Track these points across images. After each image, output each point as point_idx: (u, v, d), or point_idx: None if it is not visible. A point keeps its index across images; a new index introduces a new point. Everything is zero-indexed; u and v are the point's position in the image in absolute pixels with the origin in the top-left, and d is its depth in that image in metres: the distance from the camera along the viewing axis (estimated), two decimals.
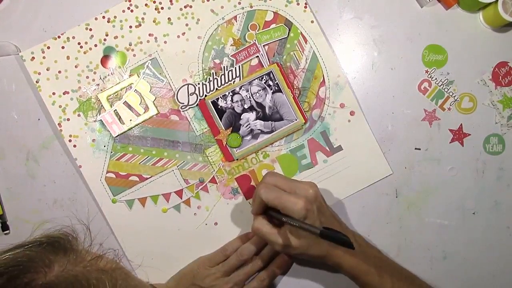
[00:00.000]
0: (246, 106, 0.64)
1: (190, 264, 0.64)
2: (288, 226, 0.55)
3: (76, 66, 0.64)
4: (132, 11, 0.65)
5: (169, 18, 0.65)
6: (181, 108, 0.65)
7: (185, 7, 0.65)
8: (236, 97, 0.64)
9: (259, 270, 0.63)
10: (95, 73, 0.64)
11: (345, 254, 0.56)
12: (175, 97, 0.65)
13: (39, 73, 0.64)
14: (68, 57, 0.64)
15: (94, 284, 0.32)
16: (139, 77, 0.65)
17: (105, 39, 0.64)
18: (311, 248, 0.55)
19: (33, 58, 0.64)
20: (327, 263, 0.58)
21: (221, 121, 0.64)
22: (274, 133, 0.64)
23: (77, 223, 0.44)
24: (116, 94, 0.64)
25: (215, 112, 0.64)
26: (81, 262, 0.35)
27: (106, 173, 0.65)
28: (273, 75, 0.64)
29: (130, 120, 0.64)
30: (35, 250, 0.34)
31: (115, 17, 0.65)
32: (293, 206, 0.52)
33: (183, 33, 0.65)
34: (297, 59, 0.65)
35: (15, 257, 0.33)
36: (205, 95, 0.64)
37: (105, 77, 0.65)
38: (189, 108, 0.65)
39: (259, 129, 0.64)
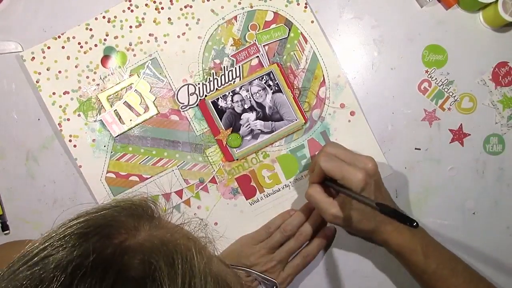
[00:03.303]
0: (246, 106, 0.64)
1: (232, 244, 0.65)
2: (342, 198, 0.55)
3: (76, 66, 0.64)
4: (132, 11, 0.65)
5: (169, 18, 0.65)
6: (181, 108, 0.65)
7: (185, 7, 0.65)
8: (236, 97, 0.64)
9: (302, 246, 0.63)
10: (95, 73, 0.64)
11: (394, 231, 0.57)
12: (175, 97, 0.65)
13: (39, 73, 0.64)
14: (68, 57, 0.64)
15: (181, 249, 0.32)
16: (139, 77, 0.65)
17: (105, 39, 0.64)
18: (361, 222, 0.56)
19: (33, 58, 0.64)
20: (374, 239, 0.59)
21: (221, 121, 0.64)
22: (274, 133, 0.64)
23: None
24: (116, 94, 0.64)
25: (215, 112, 0.64)
26: (165, 228, 0.35)
27: (106, 173, 0.65)
28: (273, 75, 0.64)
29: (130, 120, 0.64)
30: (121, 213, 0.34)
31: (115, 17, 0.65)
32: (352, 177, 0.53)
33: (183, 33, 0.65)
34: (297, 59, 0.65)
35: (104, 217, 0.33)
36: (205, 95, 0.64)
37: (105, 77, 0.65)
38: (189, 108, 0.65)
39: (259, 129, 0.64)
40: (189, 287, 0.29)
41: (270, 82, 0.64)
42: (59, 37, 0.64)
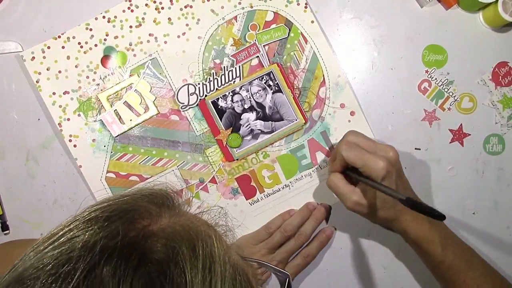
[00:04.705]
0: (246, 106, 0.64)
1: (232, 244, 0.64)
2: (363, 186, 0.55)
3: (76, 66, 0.64)
4: (132, 11, 0.65)
5: (169, 18, 0.65)
6: (181, 108, 0.65)
7: (185, 7, 0.65)
8: (236, 97, 0.64)
9: (302, 246, 0.64)
10: (95, 73, 0.64)
11: (413, 221, 0.57)
12: (175, 97, 0.65)
13: (39, 73, 0.64)
14: (68, 57, 0.64)
15: (202, 235, 0.32)
16: (139, 77, 0.65)
17: (105, 39, 0.64)
18: (382, 210, 0.56)
19: (33, 58, 0.64)
20: (393, 227, 0.59)
21: (221, 121, 0.64)
22: (274, 133, 0.64)
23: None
24: (116, 94, 0.64)
25: (215, 112, 0.64)
26: (185, 216, 0.36)
27: (107, 173, 0.65)
28: (273, 75, 0.64)
29: (130, 120, 0.64)
30: (143, 199, 0.35)
31: (115, 17, 0.65)
32: (374, 165, 0.53)
33: (184, 33, 0.65)
34: (297, 59, 0.65)
35: (127, 203, 0.34)
36: (205, 95, 0.64)
37: (105, 77, 0.65)
38: (189, 108, 0.65)
39: (259, 129, 0.64)
40: (209, 272, 0.30)
41: (270, 82, 0.64)
42: (59, 37, 0.64)
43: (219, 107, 0.64)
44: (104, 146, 0.65)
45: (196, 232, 0.33)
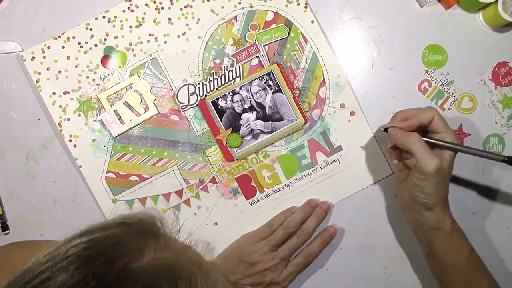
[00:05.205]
0: (246, 106, 0.64)
1: (235, 242, 0.65)
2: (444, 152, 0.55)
3: (76, 66, 0.64)
4: (132, 11, 0.65)
5: (169, 18, 0.65)
6: (181, 108, 0.65)
7: (185, 7, 0.65)
8: (236, 97, 0.64)
9: (304, 243, 0.63)
10: (95, 73, 0.64)
11: (449, 244, 0.56)
12: (175, 97, 0.65)
13: (39, 73, 0.64)
14: (68, 57, 0.64)
15: (185, 274, 0.31)
16: (139, 77, 0.65)
17: (105, 39, 0.64)
18: (444, 187, 0.56)
19: (33, 58, 0.64)
20: (421, 234, 0.58)
21: (221, 121, 0.64)
22: (274, 133, 0.64)
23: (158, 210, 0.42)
24: (116, 94, 0.64)
25: (215, 112, 0.64)
26: (170, 249, 0.34)
27: (106, 173, 0.65)
28: (273, 75, 0.64)
29: (130, 120, 0.64)
30: (126, 232, 0.33)
31: (115, 17, 0.65)
32: (451, 133, 0.56)
33: (183, 33, 0.65)
34: (297, 59, 0.65)
35: (108, 237, 0.32)
36: (205, 95, 0.64)
37: (105, 77, 0.65)
38: (189, 108, 0.65)
39: (259, 129, 0.64)
40: None
41: (270, 82, 0.64)
42: (59, 37, 0.64)
43: (219, 107, 0.64)
44: (104, 146, 0.65)
45: (180, 269, 0.31)
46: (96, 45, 0.64)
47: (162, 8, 0.65)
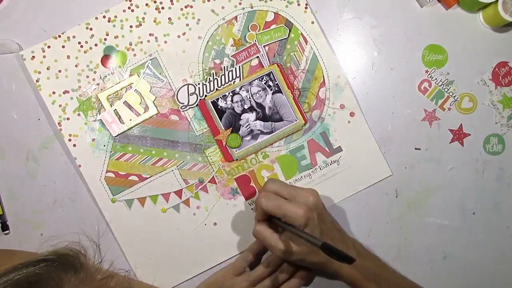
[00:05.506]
0: (246, 107, 0.64)
1: (213, 275, 0.64)
2: (289, 233, 0.55)
3: (76, 66, 0.64)
4: (132, 10, 0.65)
5: (169, 18, 0.65)
6: (181, 108, 0.65)
7: (185, 7, 0.65)
8: (236, 98, 0.64)
9: (284, 280, 0.63)
10: (95, 72, 0.65)
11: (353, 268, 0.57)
12: (175, 97, 0.65)
13: (39, 72, 0.64)
14: (68, 57, 0.64)
15: None
16: (139, 76, 0.65)
17: (105, 39, 0.65)
18: (310, 255, 0.55)
19: (33, 57, 0.64)
20: (326, 271, 0.58)
21: (221, 121, 0.64)
22: (274, 133, 0.64)
23: (86, 239, 0.43)
24: (116, 93, 0.64)
25: (215, 112, 0.64)
26: (92, 281, 0.34)
27: (106, 172, 0.65)
28: (273, 75, 0.64)
29: (130, 119, 0.64)
30: (45, 269, 0.33)
31: (115, 16, 0.65)
32: (294, 215, 0.52)
33: (184, 33, 0.65)
34: (297, 60, 0.65)
35: (26, 276, 0.32)
36: (205, 95, 0.64)
37: (105, 76, 0.65)
38: (189, 108, 0.65)
39: (259, 130, 0.64)
40: None
41: (270, 83, 0.64)
42: (59, 36, 0.64)
43: (219, 107, 0.64)
44: (104, 145, 0.65)
45: None
46: (96, 45, 0.64)
47: (163, 8, 0.65)
